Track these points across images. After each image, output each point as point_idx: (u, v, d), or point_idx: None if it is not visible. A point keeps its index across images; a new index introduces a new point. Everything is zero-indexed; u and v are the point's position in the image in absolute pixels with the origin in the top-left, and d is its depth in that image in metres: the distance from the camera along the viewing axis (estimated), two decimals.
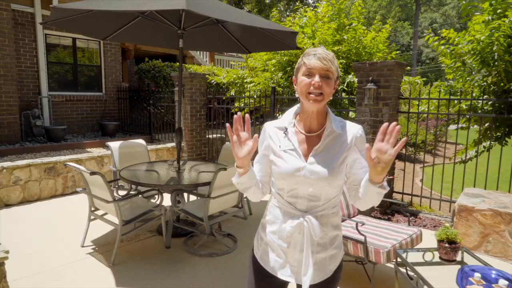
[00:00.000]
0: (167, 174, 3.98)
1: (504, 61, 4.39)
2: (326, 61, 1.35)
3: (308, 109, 1.43)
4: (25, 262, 3.34)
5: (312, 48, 1.42)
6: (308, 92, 1.37)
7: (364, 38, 6.33)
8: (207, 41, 4.82)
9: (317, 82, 1.34)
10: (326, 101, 1.40)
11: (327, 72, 1.36)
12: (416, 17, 37.82)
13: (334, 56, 1.41)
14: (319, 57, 1.35)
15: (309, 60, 1.37)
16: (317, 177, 1.40)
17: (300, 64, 1.43)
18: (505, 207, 3.51)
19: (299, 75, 1.42)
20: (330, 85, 1.38)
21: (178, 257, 3.52)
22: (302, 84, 1.38)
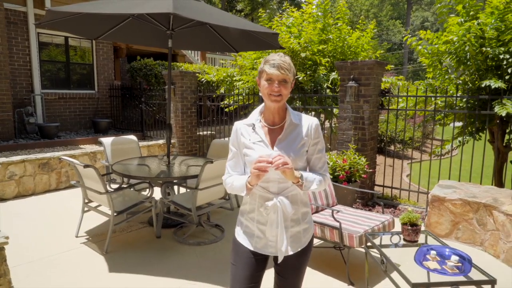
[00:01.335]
0: (158, 168, 4.17)
1: (476, 60, 4.64)
2: (283, 70, 1.61)
3: (270, 106, 1.69)
4: (22, 252, 3.52)
5: (271, 55, 1.67)
6: (269, 94, 1.63)
7: (349, 37, 6.56)
8: (196, 41, 5.01)
9: (276, 88, 1.62)
10: (285, 100, 1.67)
11: (284, 77, 1.62)
12: (407, 16, 38.26)
13: (290, 62, 1.67)
14: (278, 66, 1.61)
15: (268, 69, 1.63)
16: None
17: (262, 70, 1.68)
18: (474, 197, 3.77)
19: (262, 80, 1.67)
20: (287, 87, 1.65)
21: (168, 246, 3.73)
22: (264, 88, 1.65)
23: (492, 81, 4.32)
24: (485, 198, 3.72)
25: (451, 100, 5.18)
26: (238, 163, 1.79)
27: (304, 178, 1.62)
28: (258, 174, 1.55)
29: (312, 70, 6.38)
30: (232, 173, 1.79)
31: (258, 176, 1.57)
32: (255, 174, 1.55)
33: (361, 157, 4.73)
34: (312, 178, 1.66)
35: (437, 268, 2.08)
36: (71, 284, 2.98)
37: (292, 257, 1.73)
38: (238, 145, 1.77)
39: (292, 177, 1.58)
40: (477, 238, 3.71)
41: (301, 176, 1.62)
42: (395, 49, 42.93)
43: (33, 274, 3.12)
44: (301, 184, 1.62)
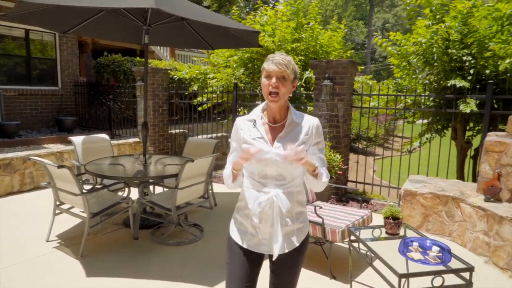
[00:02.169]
0: (134, 167, 4.06)
1: (442, 61, 4.90)
2: (281, 66, 1.62)
3: (270, 105, 1.69)
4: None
5: (272, 54, 1.69)
6: (268, 93, 1.64)
7: (321, 37, 6.69)
8: (172, 37, 4.91)
9: (273, 83, 1.62)
10: (283, 100, 1.67)
11: (282, 74, 1.62)
12: (370, 17, 39.59)
13: (291, 60, 1.68)
14: (276, 62, 1.63)
15: (268, 65, 1.64)
16: (281, 158, 1.64)
17: (263, 68, 1.69)
18: (443, 190, 3.98)
19: (262, 78, 1.69)
20: (286, 85, 1.64)
21: (146, 247, 3.64)
22: (263, 85, 1.66)
23: (457, 81, 4.58)
24: (453, 191, 3.94)
25: (418, 99, 5.43)
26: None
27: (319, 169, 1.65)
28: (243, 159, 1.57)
29: None
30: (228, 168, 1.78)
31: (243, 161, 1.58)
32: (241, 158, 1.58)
33: (336, 154, 4.85)
34: (322, 171, 1.69)
35: (420, 258, 2.19)
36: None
37: (287, 256, 1.73)
38: (238, 140, 1.76)
39: (310, 166, 1.60)
40: (446, 229, 3.92)
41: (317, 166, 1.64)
42: (358, 49, 44.28)
43: (1, 284, 2.93)
44: (316, 174, 1.63)
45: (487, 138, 3.74)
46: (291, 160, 1.53)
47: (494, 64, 4.79)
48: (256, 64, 6.73)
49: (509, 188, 3.49)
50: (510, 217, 3.15)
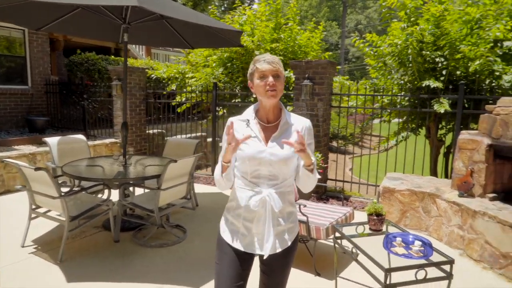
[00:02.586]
0: (114, 168, 3.97)
1: (417, 63, 5.08)
2: (274, 64, 1.65)
3: (266, 104, 1.71)
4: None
5: (260, 55, 1.71)
6: (266, 91, 1.64)
7: (299, 37, 6.77)
8: (151, 36, 4.83)
9: (271, 82, 1.63)
10: (279, 96, 1.69)
11: (276, 72, 1.65)
12: (343, 18, 40.39)
13: (279, 60, 1.71)
14: (268, 61, 1.65)
15: (261, 65, 1.65)
16: (276, 158, 1.67)
17: (253, 70, 1.69)
18: (419, 187, 4.13)
19: (255, 80, 1.68)
20: (280, 82, 1.67)
21: (129, 250, 3.57)
22: (259, 86, 1.66)
23: (431, 81, 4.77)
24: (429, 187, 4.10)
25: (394, 98, 5.60)
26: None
27: (314, 164, 1.66)
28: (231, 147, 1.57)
29: None
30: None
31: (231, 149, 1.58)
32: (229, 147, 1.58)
33: (317, 153, 4.93)
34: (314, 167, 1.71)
35: (404, 253, 2.27)
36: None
37: (278, 256, 1.74)
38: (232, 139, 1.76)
39: (308, 158, 1.61)
40: (422, 224, 4.07)
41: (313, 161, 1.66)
42: (332, 49, 45.05)
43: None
44: (312, 169, 1.65)
45: (460, 136, 3.91)
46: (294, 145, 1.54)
47: (464, 65, 5.01)
48: (235, 63, 6.72)
49: (481, 183, 3.67)
50: (483, 211, 3.32)
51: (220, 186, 1.78)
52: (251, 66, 1.71)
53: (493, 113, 3.60)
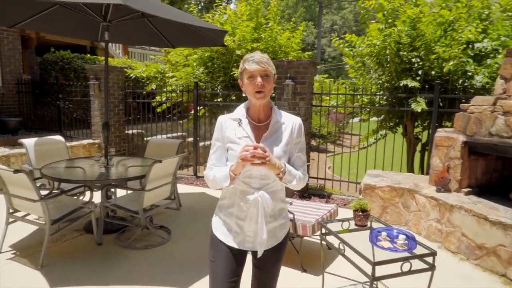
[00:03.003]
0: (95, 170, 3.88)
1: (394, 63, 5.24)
2: (263, 64, 1.65)
3: (255, 104, 1.72)
4: None
5: (250, 54, 1.71)
6: (254, 92, 1.66)
7: (280, 37, 6.82)
8: (132, 35, 4.75)
9: (259, 83, 1.64)
10: (268, 96, 1.71)
11: (265, 72, 1.66)
12: (319, 19, 40.90)
13: (269, 57, 1.72)
14: (257, 61, 1.65)
15: (249, 65, 1.66)
16: None
17: (242, 70, 1.70)
18: (399, 183, 4.27)
19: (244, 79, 1.69)
20: (269, 82, 1.68)
21: (113, 252, 3.50)
22: (248, 86, 1.67)
23: (408, 81, 4.93)
24: (408, 184, 4.24)
25: (373, 97, 5.75)
26: (222, 157, 1.78)
27: (288, 171, 1.65)
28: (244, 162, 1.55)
29: None
30: (214, 167, 1.78)
31: (244, 164, 1.57)
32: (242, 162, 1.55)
33: None
34: (294, 173, 1.69)
35: (390, 247, 2.35)
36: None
37: (270, 251, 1.78)
38: (223, 138, 1.76)
39: (274, 169, 1.60)
40: (402, 219, 4.21)
41: (285, 167, 1.64)
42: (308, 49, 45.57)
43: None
44: (281, 177, 1.64)
45: (437, 134, 4.07)
46: (247, 161, 1.54)
47: (439, 65, 5.21)
48: (216, 63, 6.70)
49: (457, 179, 3.83)
50: (460, 205, 3.47)
51: (214, 187, 1.78)
52: (240, 65, 1.72)
53: (467, 111, 3.77)
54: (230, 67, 6.47)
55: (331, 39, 5.62)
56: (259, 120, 1.76)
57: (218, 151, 1.79)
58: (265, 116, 1.76)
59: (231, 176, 1.65)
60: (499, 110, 3.45)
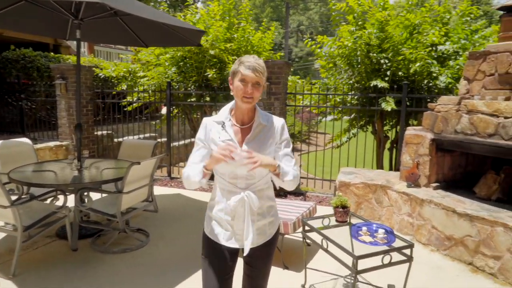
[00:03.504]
0: (68, 173, 3.75)
1: (364, 64, 5.43)
2: (258, 73, 1.66)
3: (241, 107, 1.74)
4: None
5: (246, 56, 1.71)
6: (242, 96, 1.67)
7: (252, 38, 6.86)
8: (103, 33, 4.61)
9: (250, 90, 1.66)
10: (255, 102, 1.74)
11: (258, 80, 1.67)
12: (286, 19, 41.43)
13: (264, 65, 1.72)
14: (253, 69, 1.65)
15: (244, 70, 1.66)
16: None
17: (236, 70, 1.70)
18: (372, 180, 4.45)
19: (236, 80, 1.70)
20: (259, 90, 1.70)
21: (90, 258, 3.40)
22: (238, 89, 1.68)
23: (378, 81, 5.13)
24: (380, 180, 4.42)
25: (345, 97, 5.92)
26: (203, 157, 1.78)
27: (281, 168, 1.70)
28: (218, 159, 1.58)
29: (217, 68, 6.47)
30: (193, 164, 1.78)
31: (218, 161, 1.60)
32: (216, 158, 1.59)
33: None
34: (287, 169, 1.73)
35: (371, 241, 2.45)
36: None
37: (260, 248, 1.82)
38: (207, 140, 1.78)
39: (269, 166, 1.65)
40: (376, 214, 4.39)
41: (279, 165, 1.69)
42: (275, 49, 45.96)
43: None
44: (278, 173, 1.68)
45: (407, 132, 4.28)
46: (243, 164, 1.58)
47: (406, 66, 5.46)
48: (188, 62, 6.63)
49: (426, 174, 4.04)
50: (429, 199, 3.67)
51: (190, 186, 1.77)
52: (235, 65, 1.72)
53: (435, 110, 3.99)
54: (203, 67, 6.43)
55: (298, 39, 5.73)
56: (242, 123, 1.78)
57: (200, 150, 1.80)
58: (249, 119, 1.78)
59: (204, 172, 1.68)
60: (463, 109, 3.68)
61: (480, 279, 3.11)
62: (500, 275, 3.06)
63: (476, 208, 3.39)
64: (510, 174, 3.68)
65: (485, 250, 3.17)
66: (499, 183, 3.67)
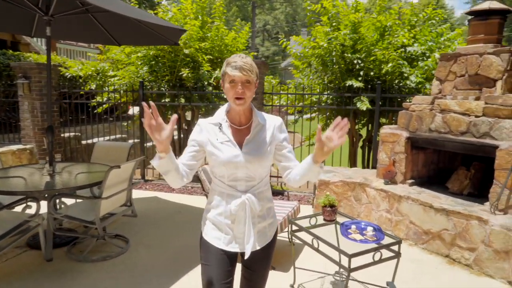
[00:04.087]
0: (38, 179, 3.54)
1: (339, 64, 5.55)
2: (245, 72, 1.61)
3: (235, 108, 1.70)
4: None
5: (233, 57, 1.66)
6: (234, 98, 1.63)
7: (225, 37, 6.80)
8: (73, 31, 4.38)
9: (240, 90, 1.61)
10: (249, 102, 1.69)
11: (247, 78, 1.63)
12: (253, 18, 41.47)
13: (252, 62, 1.68)
14: (239, 68, 1.60)
15: (231, 71, 1.61)
16: (252, 161, 1.70)
17: (224, 72, 1.67)
18: (350, 178, 4.55)
19: (225, 83, 1.67)
20: (250, 88, 1.66)
21: (67, 268, 3.22)
22: (227, 90, 1.65)
23: (353, 81, 5.26)
24: (358, 178, 4.54)
25: (321, 97, 6.02)
26: (194, 158, 1.73)
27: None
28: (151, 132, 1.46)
29: (190, 67, 6.35)
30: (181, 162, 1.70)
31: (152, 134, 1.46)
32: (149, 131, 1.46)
33: None
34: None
35: (361, 239, 2.50)
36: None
37: (260, 250, 1.79)
38: (201, 141, 1.72)
39: (327, 154, 1.55)
40: (355, 211, 4.49)
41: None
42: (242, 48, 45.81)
43: None
44: (321, 167, 1.60)
45: (383, 130, 4.41)
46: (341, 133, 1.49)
47: (377, 67, 5.63)
48: (161, 61, 6.45)
49: (402, 172, 4.19)
50: (407, 195, 3.81)
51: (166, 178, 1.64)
52: (223, 67, 1.68)
53: (409, 110, 4.15)
54: (177, 66, 6.28)
55: (264, 39, 5.76)
56: (240, 124, 1.74)
57: (190, 153, 1.74)
58: (246, 119, 1.75)
59: (160, 158, 1.54)
60: (437, 108, 3.85)
61: (457, 271, 3.27)
62: (475, 265, 3.23)
63: (451, 203, 3.56)
64: (480, 169, 3.90)
65: (461, 243, 3.33)
66: (469, 178, 3.87)
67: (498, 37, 3.70)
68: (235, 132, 1.73)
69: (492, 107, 3.38)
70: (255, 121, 1.73)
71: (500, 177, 3.26)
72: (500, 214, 3.23)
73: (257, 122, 1.74)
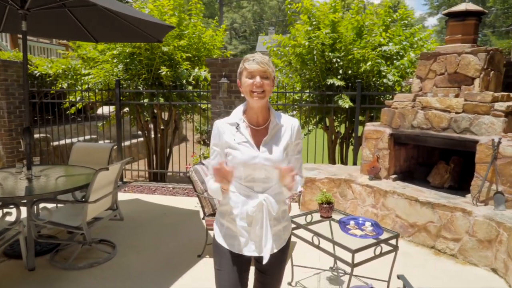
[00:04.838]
0: (14, 183, 3.32)
1: (320, 63, 5.62)
2: (263, 64, 1.62)
3: (253, 105, 1.68)
4: None
5: (251, 54, 1.68)
6: (251, 91, 1.62)
7: (203, 35, 6.70)
8: (47, 26, 4.14)
9: (258, 82, 1.61)
10: (267, 97, 1.68)
11: (265, 73, 1.63)
12: (220, 16, 41.17)
13: (270, 59, 1.70)
14: (257, 61, 1.62)
15: (249, 65, 1.63)
16: (269, 163, 1.67)
17: (242, 69, 1.67)
18: (335, 175, 4.63)
19: (243, 78, 1.66)
20: (269, 84, 1.65)
21: (53, 277, 3.05)
22: (246, 84, 1.63)
23: (334, 80, 5.35)
24: (343, 174, 4.63)
25: (302, 95, 6.07)
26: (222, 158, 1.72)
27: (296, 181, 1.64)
28: (222, 180, 1.57)
29: (167, 65, 6.20)
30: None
31: (222, 181, 1.57)
32: (219, 180, 1.58)
33: None
34: (297, 180, 1.69)
35: (362, 234, 2.55)
36: None
37: (275, 254, 1.75)
38: (221, 144, 1.70)
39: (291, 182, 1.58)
40: (340, 207, 4.57)
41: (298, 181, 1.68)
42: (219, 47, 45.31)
43: None
44: (291, 186, 1.62)
45: (366, 127, 4.52)
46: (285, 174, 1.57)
47: (356, 65, 5.76)
48: (137, 59, 6.25)
49: (385, 167, 4.32)
50: (393, 190, 3.93)
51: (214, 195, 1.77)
52: (240, 65, 1.69)
53: (392, 107, 4.28)
54: (154, 64, 6.11)
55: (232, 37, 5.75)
56: (257, 124, 1.72)
57: (217, 157, 1.73)
58: (263, 119, 1.72)
59: (223, 192, 1.68)
60: (418, 106, 4.00)
61: (443, 261, 3.42)
62: (460, 255, 3.39)
63: (435, 196, 3.71)
64: (459, 163, 4.09)
65: (446, 234, 3.49)
66: (449, 172, 4.06)
67: (474, 37, 3.90)
68: (253, 132, 1.70)
69: (472, 104, 3.55)
70: (272, 122, 1.71)
71: (481, 170, 3.44)
72: (482, 205, 3.41)
73: (275, 123, 1.71)
